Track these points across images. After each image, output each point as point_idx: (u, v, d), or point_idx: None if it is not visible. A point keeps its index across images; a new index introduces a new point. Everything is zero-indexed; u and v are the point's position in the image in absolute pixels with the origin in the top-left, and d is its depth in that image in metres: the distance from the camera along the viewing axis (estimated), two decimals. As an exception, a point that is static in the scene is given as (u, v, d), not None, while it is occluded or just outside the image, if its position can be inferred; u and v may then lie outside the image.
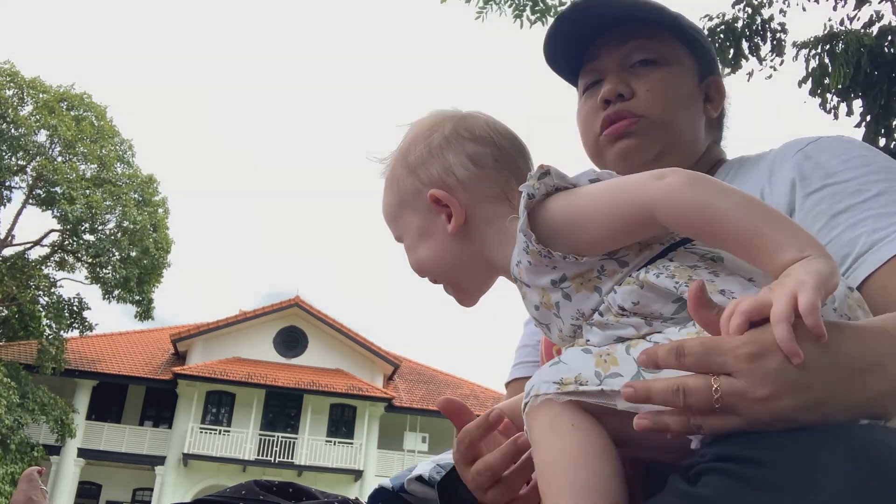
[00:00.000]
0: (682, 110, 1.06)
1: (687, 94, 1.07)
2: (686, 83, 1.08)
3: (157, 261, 20.97)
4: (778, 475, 0.45)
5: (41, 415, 18.22)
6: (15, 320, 20.44)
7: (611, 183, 0.72)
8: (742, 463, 0.48)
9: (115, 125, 22.04)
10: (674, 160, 1.02)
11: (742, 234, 0.61)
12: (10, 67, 20.08)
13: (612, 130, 1.05)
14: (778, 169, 0.95)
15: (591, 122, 1.08)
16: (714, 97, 1.12)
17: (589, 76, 1.11)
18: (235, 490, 1.08)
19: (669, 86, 1.05)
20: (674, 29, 1.09)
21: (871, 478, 0.43)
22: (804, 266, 0.57)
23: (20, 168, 20.07)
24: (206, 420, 22.82)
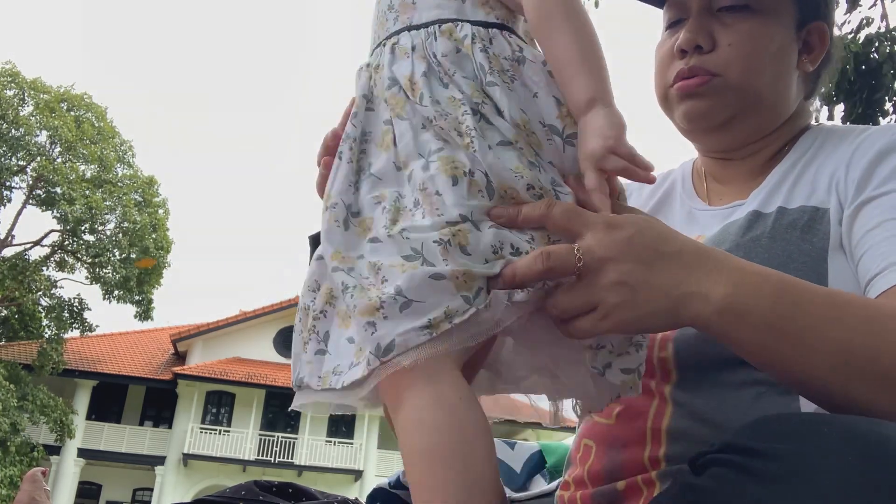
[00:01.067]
0: (768, 70, 0.92)
1: (777, 51, 0.92)
2: (779, 36, 0.93)
3: (157, 261, 20.96)
4: (779, 466, 0.46)
5: (41, 415, 18.21)
6: (15, 320, 20.43)
7: None
8: (746, 454, 0.48)
9: (115, 126, 22.05)
10: (749, 125, 0.94)
11: (564, 70, 0.71)
12: (10, 68, 20.08)
13: (681, 87, 0.94)
14: (858, 159, 0.84)
15: (665, 69, 0.97)
16: (815, 47, 0.96)
17: (673, 11, 0.99)
18: (235, 490, 1.08)
19: (757, 41, 0.91)
20: None
21: (872, 470, 0.44)
22: (600, 119, 0.68)
23: (20, 168, 20.07)
24: (206, 420, 22.81)
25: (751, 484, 0.46)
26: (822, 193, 0.85)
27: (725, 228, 0.88)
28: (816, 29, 0.95)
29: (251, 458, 21.82)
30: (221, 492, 1.11)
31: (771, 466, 0.46)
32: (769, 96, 0.93)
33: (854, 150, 0.86)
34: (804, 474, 0.44)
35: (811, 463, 0.45)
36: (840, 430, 0.46)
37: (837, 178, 0.84)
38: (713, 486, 0.49)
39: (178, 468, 21.74)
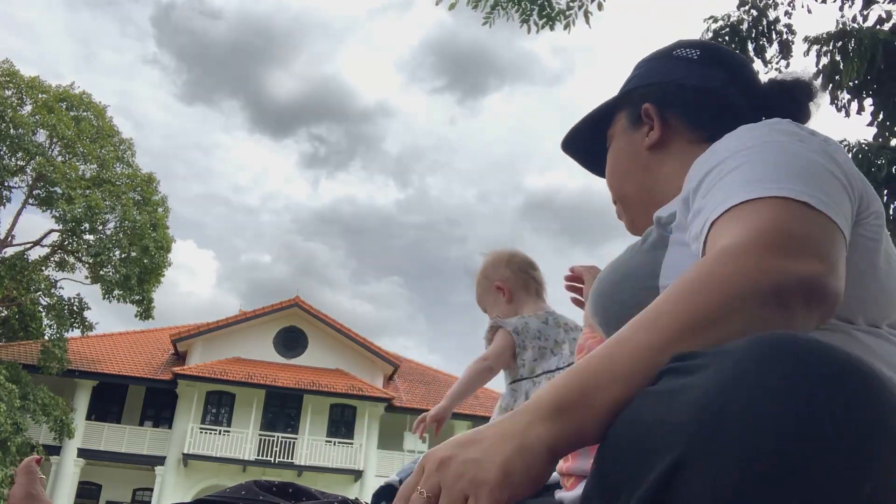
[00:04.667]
0: (620, 176, 1.11)
1: (619, 158, 1.11)
2: (618, 148, 1.12)
3: (157, 260, 20.99)
4: (699, 362, 0.54)
5: (42, 415, 18.24)
6: (15, 321, 20.47)
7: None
8: (683, 360, 0.56)
9: (114, 125, 22.07)
10: (639, 213, 1.10)
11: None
12: (8, 67, 20.09)
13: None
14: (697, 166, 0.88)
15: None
16: (654, 122, 1.07)
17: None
18: (235, 490, 1.08)
19: (609, 162, 1.13)
20: (614, 97, 1.14)
21: (773, 361, 0.49)
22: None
23: (19, 168, 20.09)
24: (206, 420, 22.84)
25: (678, 378, 0.54)
26: (679, 199, 0.89)
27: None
28: (644, 112, 1.08)
29: (251, 458, 21.85)
30: (221, 492, 1.10)
31: (696, 363, 0.54)
32: (630, 189, 1.10)
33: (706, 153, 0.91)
34: (715, 364, 0.52)
35: (723, 356, 0.52)
36: (756, 336, 0.53)
37: (688, 185, 0.88)
38: (657, 389, 0.56)
39: (178, 468, 21.76)
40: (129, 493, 22.69)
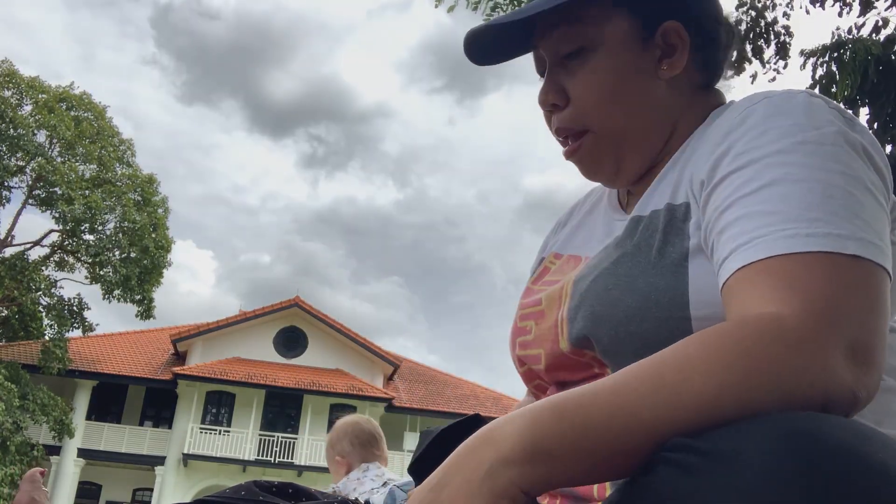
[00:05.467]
0: (625, 105, 0.85)
1: (626, 81, 0.85)
2: (623, 64, 0.85)
3: (157, 260, 20.99)
4: (706, 462, 0.48)
5: (41, 415, 18.24)
6: (15, 321, 20.46)
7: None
8: (686, 451, 0.50)
9: (114, 125, 22.07)
10: (638, 158, 0.88)
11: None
12: (8, 67, 20.07)
13: (564, 153, 0.90)
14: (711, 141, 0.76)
15: (549, 124, 0.92)
16: (676, 47, 0.86)
17: (537, 65, 0.93)
18: (235, 490, 1.08)
19: (601, 84, 0.85)
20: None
21: (787, 462, 0.45)
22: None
23: (19, 168, 20.08)
24: (206, 420, 22.83)
25: (683, 479, 0.48)
26: (684, 187, 0.78)
27: (610, 242, 0.83)
28: (670, 30, 0.85)
29: (251, 458, 21.84)
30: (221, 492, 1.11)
31: (703, 462, 0.48)
32: (640, 127, 0.86)
33: (714, 130, 0.77)
34: (730, 469, 0.46)
35: (736, 458, 0.47)
36: (770, 425, 0.48)
37: (695, 168, 0.77)
38: (653, 482, 0.50)
39: (178, 468, 21.76)
40: (129, 493, 22.68)
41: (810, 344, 0.54)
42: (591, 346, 0.76)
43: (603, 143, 0.87)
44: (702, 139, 0.80)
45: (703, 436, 0.50)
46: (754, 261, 0.62)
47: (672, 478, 0.49)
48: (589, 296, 0.77)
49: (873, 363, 0.57)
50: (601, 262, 0.80)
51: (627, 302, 0.73)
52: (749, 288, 0.61)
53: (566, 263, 0.92)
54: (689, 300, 0.70)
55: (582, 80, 0.86)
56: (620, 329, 0.72)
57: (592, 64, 0.85)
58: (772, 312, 0.57)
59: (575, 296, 0.79)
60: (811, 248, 0.60)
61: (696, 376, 0.54)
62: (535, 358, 0.85)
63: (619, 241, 0.81)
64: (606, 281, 0.76)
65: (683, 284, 0.71)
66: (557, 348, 0.81)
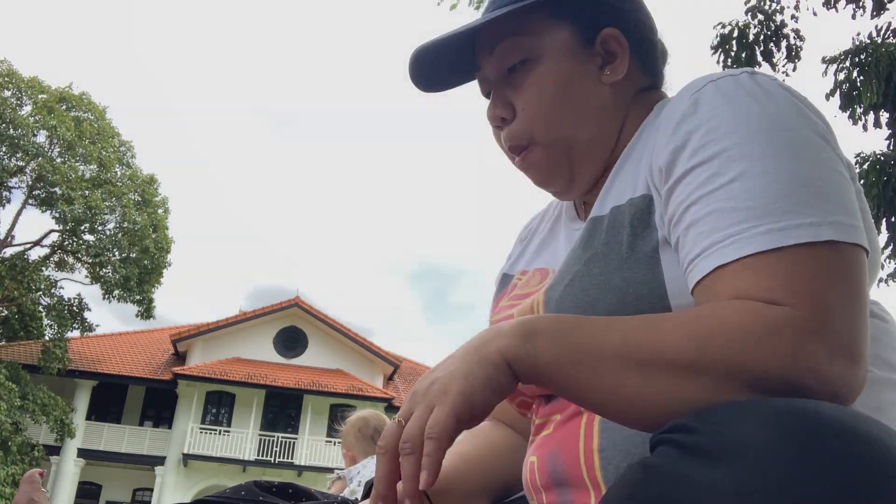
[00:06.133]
0: (570, 113, 0.85)
1: (569, 89, 0.84)
2: (563, 73, 0.84)
3: (157, 261, 20.98)
4: (713, 445, 0.48)
5: (42, 415, 18.24)
6: (15, 321, 20.45)
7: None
8: (688, 432, 0.50)
9: (114, 126, 22.06)
10: (588, 165, 0.87)
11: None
12: (6, 67, 20.02)
13: (515, 163, 0.90)
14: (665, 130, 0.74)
15: (499, 141, 0.92)
16: (616, 52, 0.86)
17: (482, 86, 0.93)
18: (235, 491, 1.08)
19: (543, 93, 0.85)
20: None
21: (794, 446, 0.46)
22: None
23: (19, 168, 20.08)
24: (206, 420, 22.82)
25: (689, 461, 0.49)
26: (643, 179, 0.77)
27: (575, 245, 0.82)
28: (609, 37, 0.86)
29: (251, 459, 21.83)
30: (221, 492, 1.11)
31: (707, 444, 0.48)
32: (587, 133, 0.86)
33: (664, 120, 0.76)
34: (735, 450, 0.47)
35: (738, 439, 0.47)
36: (774, 409, 0.49)
37: (652, 158, 0.76)
38: (658, 463, 0.51)
39: (178, 468, 21.75)
40: (129, 493, 22.68)
41: (806, 339, 0.56)
42: None
43: (552, 152, 0.87)
44: (652, 130, 0.80)
45: (703, 417, 0.51)
46: (732, 260, 0.62)
47: (673, 459, 0.50)
48: (565, 300, 0.76)
49: (859, 358, 0.58)
50: (571, 267, 0.79)
51: (607, 300, 0.72)
52: (732, 284, 0.62)
53: (532, 277, 0.92)
54: (667, 290, 0.70)
55: (526, 90, 0.86)
56: None
57: (535, 74, 0.85)
58: (764, 304, 0.58)
59: (550, 304, 0.78)
60: (787, 241, 0.61)
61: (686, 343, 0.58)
62: None
63: (584, 243, 0.79)
64: (582, 283, 0.75)
65: (659, 275, 0.71)
66: None
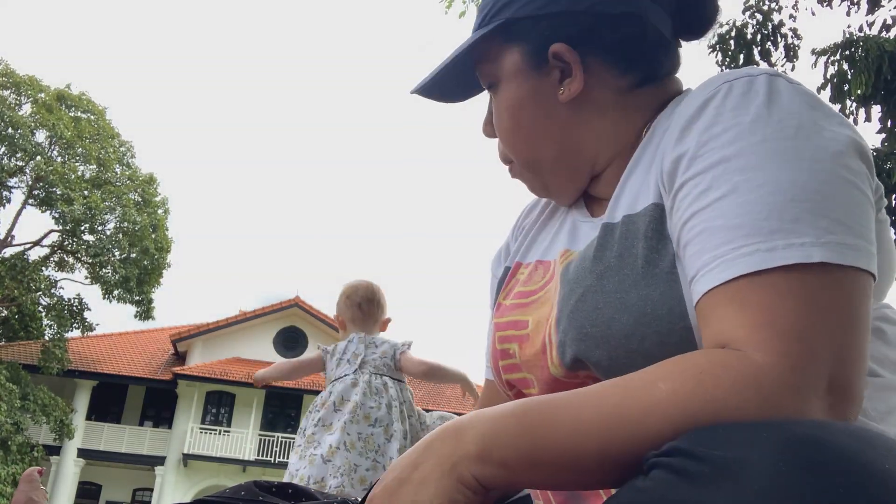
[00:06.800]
0: (527, 132, 0.84)
1: (524, 110, 0.84)
2: (519, 95, 0.84)
3: (157, 261, 20.99)
4: (710, 470, 0.46)
5: (42, 415, 18.25)
6: (15, 321, 20.46)
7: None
8: (684, 457, 0.48)
9: (114, 126, 22.06)
10: (564, 179, 0.86)
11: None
12: (4, 67, 19.99)
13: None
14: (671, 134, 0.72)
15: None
16: (571, 67, 0.81)
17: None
18: (235, 491, 1.08)
19: (504, 116, 0.86)
20: (494, 24, 0.84)
21: (794, 473, 0.44)
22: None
23: (18, 168, 20.08)
24: (206, 420, 22.84)
25: (684, 486, 0.47)
26: (654, 185, 0.73)
27: (584, 252, 0.79)
28: (557, 53, 0.81)
29: (251, 458, 21.84)
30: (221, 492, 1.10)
31: (706, 470, 0.46)
32: (550, 152, 0.85)
33: (676, 120, 0.72)
34: (734, 477, 0.45)
35: (741, 466, 0.45)
36: (776, 435, 0.47)
37: (662, 163, 0.72)
38: (651, 487, 0.49)
39: (178, 468, 21.76)
40: (129, 493, 22.68)
41: (787, 394, 0.53)
42: (585, 367, 0.73)
43: (525, 169, 0.89)
44: (664, 130, 0.76)
45: (702, 441, 0.49)
46: (718, 284, 0.59)
47: (669, 484, 0.48)
48: (577, 317, 0.72)
49: (851, 396, 0.55)
50: (582, 280, 0.75)
51: (622, 320, 0.68)
52: (719, 318, 0.59)
53: (535, 272, 0.88)
54: (687, 309, 0.65)
55: (495, 113, 0.88)
56: (620, 350, 0.68)
57: (498, 99, 0.87)
58: (747, 355, 0.55)
59: (562, 318, 0.75)
60: (774, 263, 0.57)
61: (658, 413, 0.54)
62: (525, 382, 0.83)
63: (595, 254, 0.75)
64: (595, 300, 0.71)
65: (678, 293, 0.66)
66: (549, 374, 0.77)
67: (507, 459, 0.56)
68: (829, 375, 0.54)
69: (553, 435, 0.56)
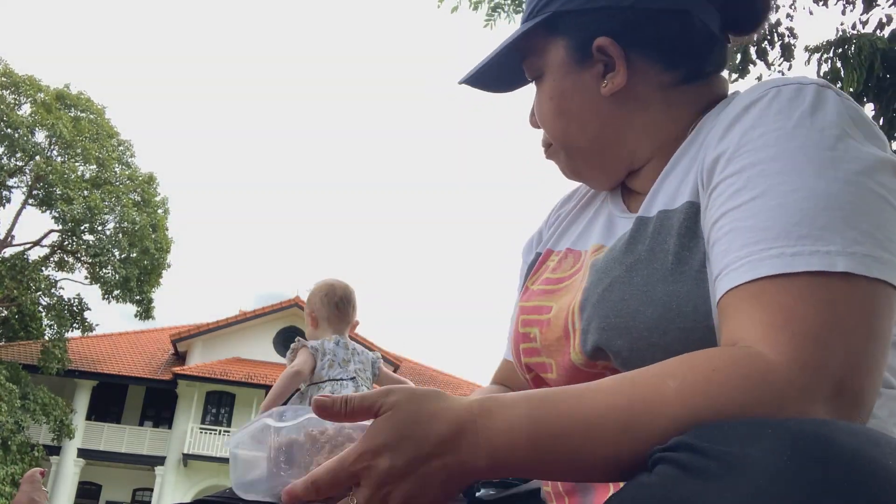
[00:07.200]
0: (567, 124, 0.86)
1: (566, 102, 0.85)
2: (562, 88, 0.85)
3: (156, 261, 20.98)
4: (719, 465, 0.47)
5: (42, 415, 18.24)
6: (15, 321, 20.45)
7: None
8: (690, 452, 0.49)
9: (113, 125, 22.04)
10: (598, 168, 0.89)
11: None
12: (3, 66, 19.96)
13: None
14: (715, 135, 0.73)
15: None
16: (615, 61, 0.82)
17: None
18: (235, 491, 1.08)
19: (545, 107, 0.88)
20: (540, 17, 0.85)
21: (799, 469, 0.45)
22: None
23: (18, 168, 20.07)
24: (206, 420, 22.83)
25: (690, 481, 0.47)
26: (692, 183, 0.74)
27: (616, 244, 0.79)
28: (601, 47, 0.82)
29: (251, 458, 21.82)
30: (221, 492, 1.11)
31: (712, 465, 0.47)
32: (589, 144, 0.86)
33: (722, 120, 0.73)
34: (740, 473, 0.45)
35: (747, 462, 0.46)
36: (782, 431, 0.47)
37: (704, 161, 0.72)
38: (656, 483, 0.49)
39: (178, 468, 21.75)
40: (129, 493, 22.68)
41: (793, 393, 0.53)
42: (606, 356, 0.73)
43: (564, 154, 0.91)
44: (709, 132, 0.76)
45: (707, 436, 0.50)
46: (740, 283, 0.60)
47: (674, 479, 0.48)
48: (602, 306, 0.73)
49: (860, 404, 0.55)
50: (611, 270, 0.75)
51: (647, 313, 0.69)
52: (737, 316, 0.59)
53: (564, 259, 0.89)
54: (712, 308, 0.66)
55: (536, 104, 0.90)
56: (641, 341, 0.69)
57: (541, 90, 0.89)
58: (759, 354, 0.55)
59: (586, 306, 0.75)
60: (797, 268, 0.57)
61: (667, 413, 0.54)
62: (543, 366, 0.83)
63: (626, 246, 0.76)
64: (622, 291, 0.72)
65: (705, 292, 0.67)
66: (569, 360, 0.78)
67: (518, 467, 0.58)
68: (839, 381, 0.54)
69: (563, 445, 0.57)
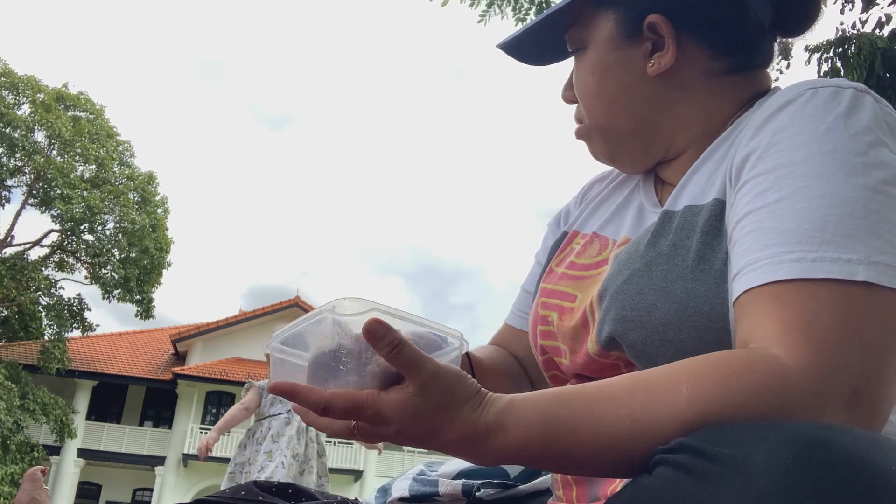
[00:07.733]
0: (608, 101, 0.84)
1: (609, 79, 0.83)
2: (606, 62, 0.83)
3: (156, 261, 20.98)
4: (720, 468, 0.46)
5: (42, 415, 18.25)
6: (15, 321, 20.45)
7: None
8: (691, 454, 0.48)
9: (113, 125, 22.04)
10: (634, 152, 0.86)
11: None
12: (3, 67, 19.94)
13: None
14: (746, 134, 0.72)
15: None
16: (665, 40, 0.80)
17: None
18: (235, 491, 1.08)
19: (586, 81, 0.85)
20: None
21: (801, 472, 0.44)
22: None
23: (18, 168, 20.07)
24: (206, 420, 22.82)
25: (690, 483, 0.47)
26: (721, 180, 0.73)
27: (640, 236, 0.79)
28: (654, 24, 0.80)
29: (251, 458, 21.84)
30: (221, 492, 1.11)
31: (713, 467, 0.47)
32: (625, 124, 0.84)
33: (756, 118, 0.72)
34: (741, 475, 0.45)
35: (749, 464, 0.45)
36: (784, 434, 0.47)
37: (734, 158, 0.72)
38: (656, 485, 0.49)
39: (178, 468, 21.76)
40: (129, 494, 22.68)
41: (807, 400, 0.53)
42: (619, 347, 0.73)
43: (595, 134, 0.88)
44: (742, 130, 0.75)
45: (710, 438, 0.49)
46: (759, 284, 0.59)
47: (674, 481, 0.48)
48: (620, 298, 0.72)
49: (874, 414, 0.55)
50: (631, 263, 0.75)
51: (663, 309, 0.68)
52: (755, 316, 0.59)
53: (590, 245, 0.88)
54: (729, 310, 0.65)
55: (576, 77, 0.88)
56: (655, 336, 0.68)
57: (583, 62, 0.86)
58: (774, 356, 0.55)
59: (605, 296, 0.75)
60: (817, 274, 0.57)
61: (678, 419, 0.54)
62: (557, 350, 0.84)
63: (650, 239, 0.75)
64: (640, 284, 0.71)
65: (724, 292, 0.66)
66: (583, 348, 0.78)
67: (529, 460, 0.59)
68: (853, 389, 0.54)
69: (574, 450, 0.57)
